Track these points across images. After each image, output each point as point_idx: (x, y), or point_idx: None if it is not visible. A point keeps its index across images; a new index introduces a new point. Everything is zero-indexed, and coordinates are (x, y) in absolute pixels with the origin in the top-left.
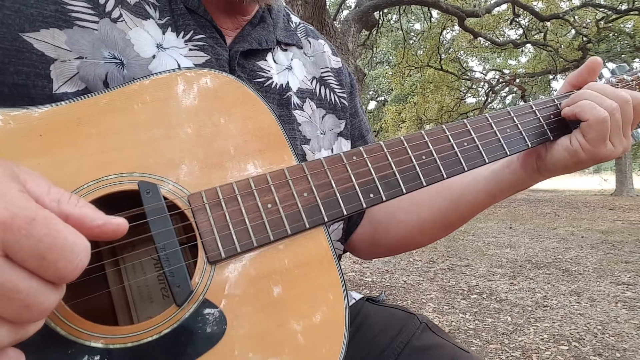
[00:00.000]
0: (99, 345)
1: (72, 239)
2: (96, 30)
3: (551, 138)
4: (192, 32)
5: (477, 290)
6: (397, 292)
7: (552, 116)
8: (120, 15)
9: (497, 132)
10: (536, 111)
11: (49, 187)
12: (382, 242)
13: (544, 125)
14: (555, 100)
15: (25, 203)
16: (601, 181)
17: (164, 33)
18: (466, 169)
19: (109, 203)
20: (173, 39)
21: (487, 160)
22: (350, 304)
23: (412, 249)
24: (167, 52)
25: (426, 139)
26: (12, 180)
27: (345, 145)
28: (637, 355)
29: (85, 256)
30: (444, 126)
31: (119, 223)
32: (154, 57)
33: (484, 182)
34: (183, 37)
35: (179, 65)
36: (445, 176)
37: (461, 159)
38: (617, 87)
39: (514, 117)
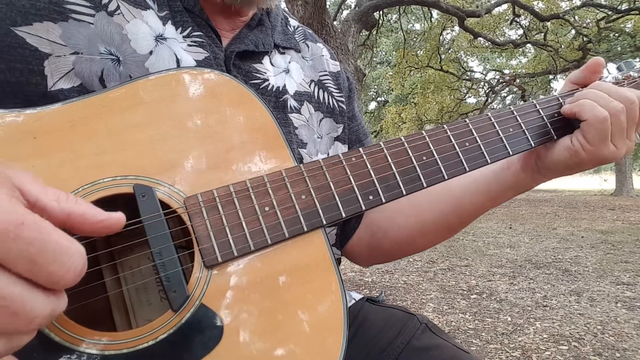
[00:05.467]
0: (94, 351)
1: (63, 241)
2: (92, 24)
3: (555, 138)
4: (190, 28)
5: (477, 290)
6: (397, 292)
7: (555, 115)
8: (117, 8)
9: (499, 131)
10: (539, 110)
11: (45, 188)
12: (381, 246)
13: (548, 124)
14: (560, 98)
15: (13, 207)
16: (601, 181)
17: (164, 24)
18: (468, 169)
19: (104, 207)
20: (173, 31)
21: (489, 161)
22: (350, 304)
23: (411, 253)
24: (167, 44)
25: (427, 139)
26: (2, 185)
27: (342, 149)
28: (637, 355)
29: (79, 259)
30: (445, 126)
31: (118, 217)
32: (150, 53)
33: (484, 184)
34: (181, 33)
35: (177, 59)
36: (446, 177)
37: (463, 160)
38: (624, 85)
39: (517, 117)
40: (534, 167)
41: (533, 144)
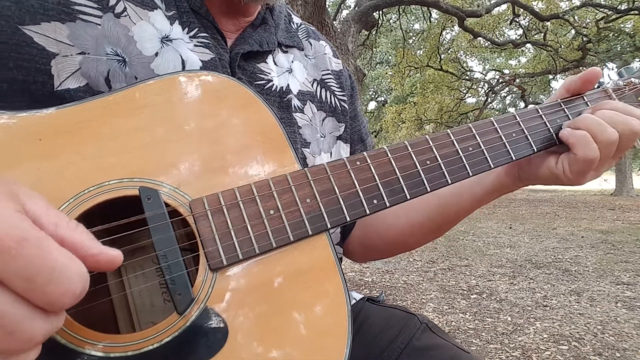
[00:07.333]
0: (99, 354)
1: (63, 261)
2: (99, 25)
3: (557, 143)
4: (196, 29)
5: (477, 290)
6: (397, 292)
7: (558, 120)
8: (124, 10)
9: (502, 136)
10: (542, 115)
11: (48, 209)
12: (373, 244)
13: (550, 129)
14: (562, 104)
15: (19, 222)
16: (601, 181)
17: (171, 24)
18: (471, 174)
19: (109, 209)
20: (180, 31)
21: (492, 166)
22: (351, 304)
23: (403, 252)
24: (172, 45)
25: (431, 143)
26: (9, 200)
27: (344, 148)
28: (637, 355)
29: (78, 282)
30: (448, 131)
31: (114, 255)
32: (156, 54)
33: (468, 186)
34: (188, 33)
35: (183, 60)
36: (449, 182)
37: (466, 164)
38: (625, 91)
39: (520, 122)
40: (516, 175)
41: (535, 149)
